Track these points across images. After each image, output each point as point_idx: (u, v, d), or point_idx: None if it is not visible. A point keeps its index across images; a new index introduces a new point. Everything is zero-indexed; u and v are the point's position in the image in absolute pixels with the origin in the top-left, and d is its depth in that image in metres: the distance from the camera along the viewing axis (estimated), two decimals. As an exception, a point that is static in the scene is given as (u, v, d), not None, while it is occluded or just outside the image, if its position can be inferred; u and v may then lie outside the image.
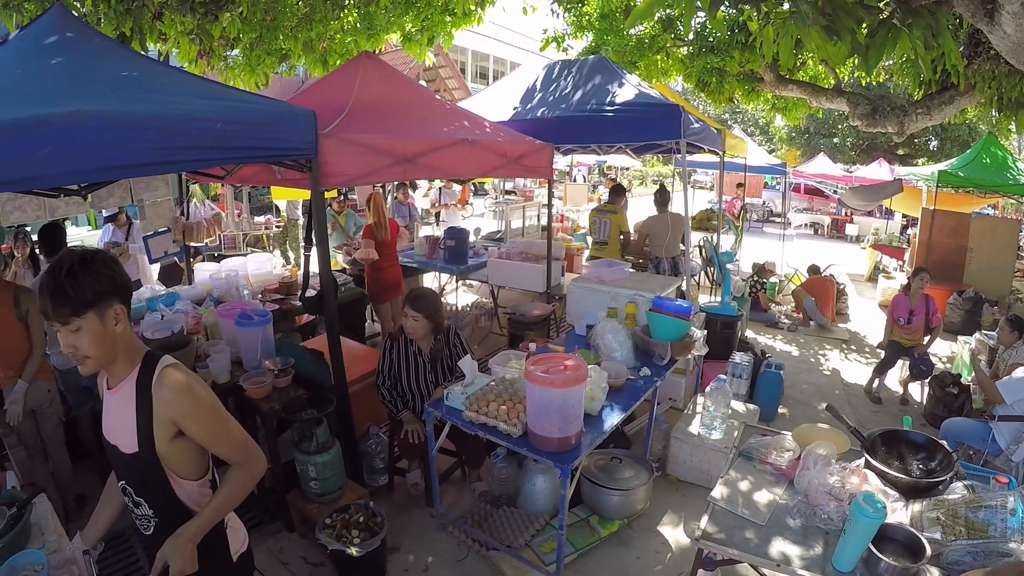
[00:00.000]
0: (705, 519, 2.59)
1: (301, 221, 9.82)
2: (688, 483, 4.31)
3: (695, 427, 4.32)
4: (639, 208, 13.66)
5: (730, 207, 13.82)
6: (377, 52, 6.33)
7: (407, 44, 6.85)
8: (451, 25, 6.65)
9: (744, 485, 2.80)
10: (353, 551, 3.16)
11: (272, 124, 3.07)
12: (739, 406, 4.73)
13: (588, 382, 3.13)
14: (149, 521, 1.89)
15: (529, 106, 6.56)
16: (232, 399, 4.02)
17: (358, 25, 6.54)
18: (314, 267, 4.16)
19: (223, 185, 7.87)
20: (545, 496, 3.74)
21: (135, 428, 1.75)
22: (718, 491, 2.74)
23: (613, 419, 3.37)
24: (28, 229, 6.54)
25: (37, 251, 5.61)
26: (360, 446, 4.13)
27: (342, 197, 7.81)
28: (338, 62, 6.56)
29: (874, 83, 10.08)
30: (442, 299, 4.97)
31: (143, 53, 4.54)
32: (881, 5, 3.00)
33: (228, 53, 6.41)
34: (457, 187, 13.46)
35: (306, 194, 5.45)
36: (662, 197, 7.29)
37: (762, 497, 2.72)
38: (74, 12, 4.23)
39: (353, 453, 4.00)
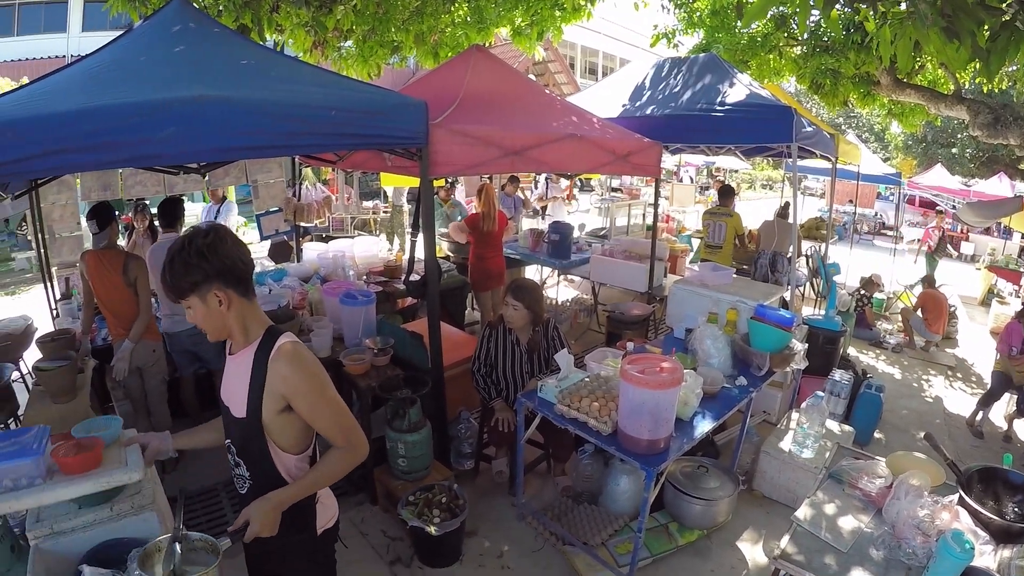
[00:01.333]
0: (786, 539, 2.50)
1: (407, 208, 10.10)
2: (772, 500, 4.18)
3: (786, 443, 4.18)
4: (747, 213, 13.23)
5: (926, 237, 12.61)
6: (487, 46, 6.41)
7: (517, 38, 6.89)
8: (561, 20, 6.64)
9: (830, 508, 2.68)
10: (432, 530, 3.26)
11: (385, 113, 3.18)
12: (834, 426, 4.52)
13: (683, 386, 3.08)
14: (245, 482, 2.01)
15: (638, 103, 6.48)
16: (331, 374, 4.20)
17: (468, 19, 6.66)
18: (419, 252, 4.28)
19: (334, 169, 8.21)
20: (627, 497, 3.72)
21: (246, 395, 1.87)
22: (802, 512, 2.64)
23: (704, 426, 3.30)
24: (147, 202, 7.04)
25: (156, 223, 6.05)
26: (450, 429, 4.23)
27: (448, 186, 7.97)
28: (449, 55, 6.70)
29: (996, 90, 9.27)
30: (543, 292, 5.00)
31: (261, 43, 4.81)
32: (1003, 6, 2.76)
33: (341, 44, 6.65)
34: (564, 181, 13.43)
35: (415, 181, 5.62)
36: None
37: (847, 523, 2.59)
38: (195, 4, 4.50)
39: (443, 435, 4.11)
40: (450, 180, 7.88)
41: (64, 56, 17.66)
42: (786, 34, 7.96)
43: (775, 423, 4.79)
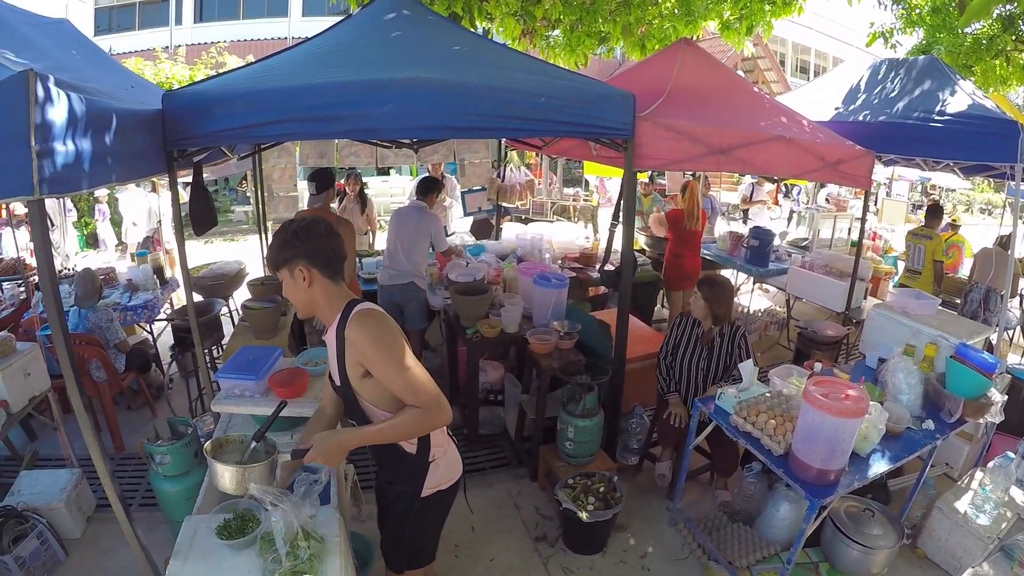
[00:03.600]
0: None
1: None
2: (934, 563, 3.70)
3: (963, 504, 3.70)
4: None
5: None
6: (695, 39, 6.26)
7: (725, 32, 6.65)
8: (771, 14, 6.33)
9: (993, 587, 2.37)
10: (584, 515, 3.31)
11: (593, 103, 3.23)
12: (1019, 495, 3.96)
13: (865, 419, 2.86)
14: None
15: (851, 108, 6.04)
16: (515, 349, 4.38)
17: (676, 11, 6.51)
18: (616, 244, 4.32)
19: (538, 154, 8.47)
20: (785, 525, 3.52)
21: (337, 365, 2.10)
22: (963, 584, 2.35)
23: (880, 467, 3.04)
24: (359, 171, 7.74)
25: (366, 191, 6.63)
26: (622, 422, 4.25)
27: (649, 180, 7.92)
28: (656, 47, 6.61)
29: None
30: (734, 295, 4.86)
31: (471, 30, 5.04)
32: None
33: (549, 34, 6.79)
34: (769, 185, 12.80)
35: (618, 172, 5.66)
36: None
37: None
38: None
39: (613, 427, 4.14)
40: (652, 175, 7.81)
41: (285, 38, 19.73)
42: (1014, 37, 6.99)
43: (956, 479, 4.27)
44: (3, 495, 3.95)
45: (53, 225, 8.80)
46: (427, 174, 6.23)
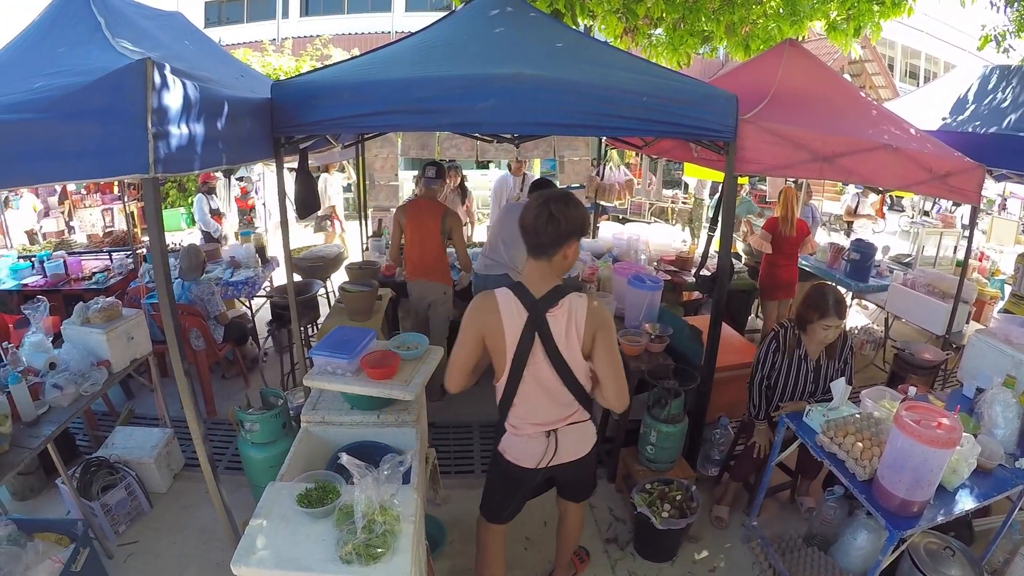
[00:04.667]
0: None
1: (707, 202, 10.02)
2: None
3: None
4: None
5: None
6: (800, 40, 6.03)
7: (832, 33, 6.37)
8: (879, 15, 6.01)
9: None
10: (657, 522, 3.26)
11: (695, 103, 3.17)
12: None
13: (956, 451, 2.68)
14: None
15: (960, 117, 5.68)
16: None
17: (781, 10, 6.27)
18: (713, 249, 4.24)
19: (638, 154, 8.39)
20: (860, 555, 3.34)
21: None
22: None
23: (966, 503, 2.82)
24: (459, 164, 7.89)
25: (466, 182, 6.74)
26: (706, 431, 4.15)
27: (749, 186, 7.69)
28: (760, 47, 6.40)
29: None
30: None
31: (574, 28, 5.02)
32: None
33: (652, 32, 6.68)
34: (874, 196, 12.21)
35: (718, 176, 5.53)
36: None
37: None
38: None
39: (696, 435, 4.07)
40: (753, 180, 7.58)
41: (388, 32, 20.30)
42: None
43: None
44: (97, 447, 4.27)
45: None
46: (539, 176, 6.31)
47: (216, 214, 8.29)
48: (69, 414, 3.45)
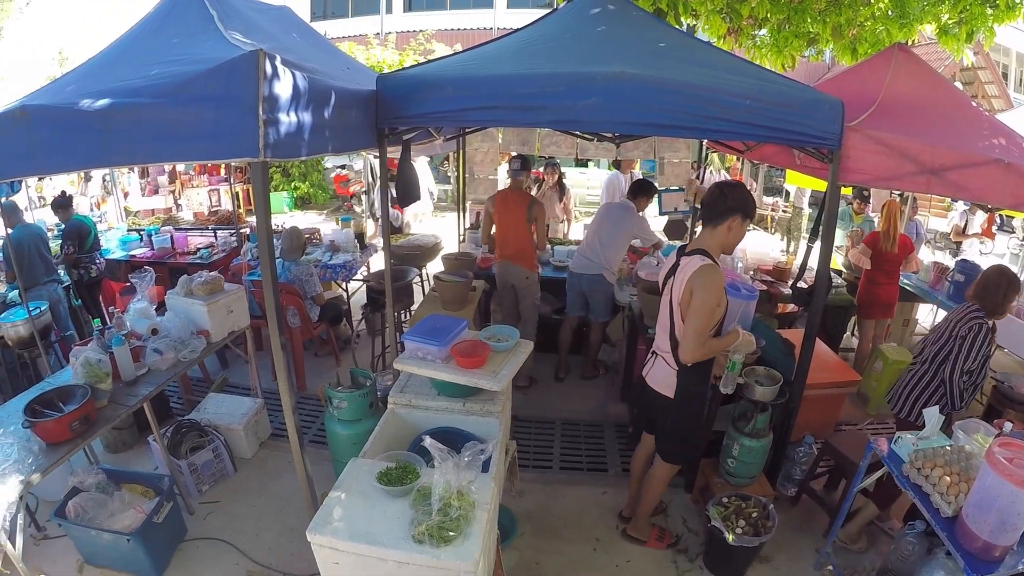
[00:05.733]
0: None
1: (807, 212, 9.75)
2: None
3: None
4: None
5: None
6: (910, 44, 5.71)
7: (943, 38, 5.96)
8: (992, 19, 5.55)
9: None
10: (730, 538, 3.18)
11: (799, 108, 3.04)
12: None
13: (1049, 496, 2.48)
14: None
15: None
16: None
17: (889, 12, 5.94)
18: (812, 261, 4.10)
19: (739, 159, 8.19)
20: (934, 597, 3.15)
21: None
22: None
23: None
24: (558, 161, 7.94)
25: (564, 180, 6.78)
26: (789, 449, 4.03)
27: (858, 200, 7.29)
28: (868, 51, 6.08)
29: None
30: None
31: (676, 27, 4.93)
32: None
33: (756, 32, 6.48)
34: (982, 214, 11.42)
35: (819, 184, 5.31)
36: None
37: None
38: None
39: (779, 452, 3.95)
40: (861, 191, 7.20)
41: (490, 28, 20.45)
42: None
43: None
44: (190, 410, 4.55)
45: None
46: (642, 177, 6.27)
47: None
48: (166, 377, 3.71)
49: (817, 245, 3.66)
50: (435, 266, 6.24)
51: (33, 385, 3.74)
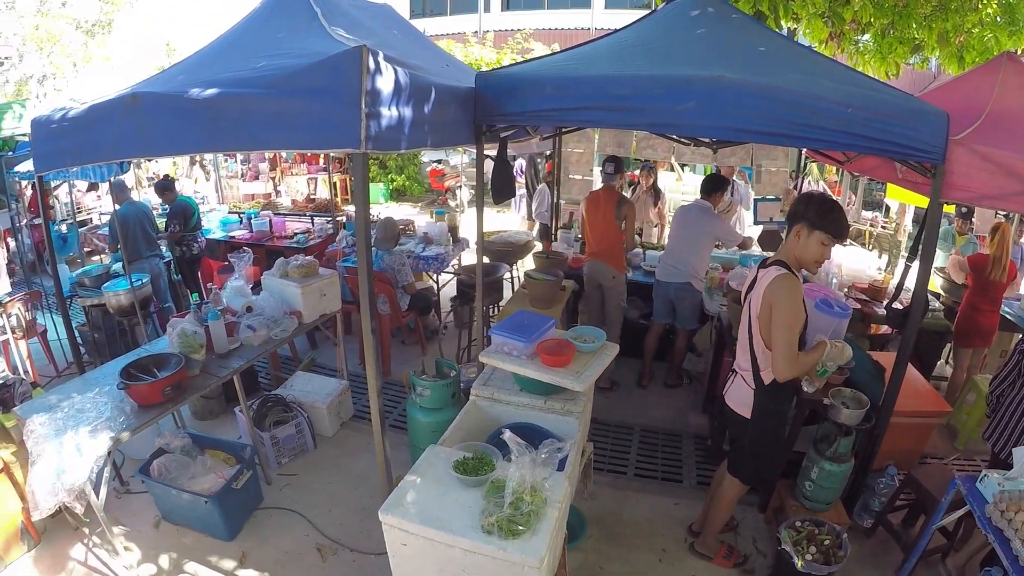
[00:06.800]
0: None
1: (908, 229, 9.28)
2: None
3: None
4: None
5: None
6: (1020, 53, 5.34)
7: (1057, 47, 5.58)
8: None
9: None
10: (800, 563, 3.06)
11: (902, 119, 2.90)
12: None
13: None
14: None
15: None
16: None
17: (998, 19, 5.55)
18: (910, 282, 3.92)
19: (839, 170, 7.87)
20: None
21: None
22: None
23: None
24: (652, 165, 7.85)
25: (659, 184, 6.72)
26: (870, 478, 3.84)
27: (960, 219, 6.83)
28: (976, 60, 5.70)
29: None
30: None
31: (777, 31, 4.78)
32: None
33: (859, 38, 6.23)
34: None
35: (922, 201, 5.07)
36: None
37: None
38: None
39: (859, 480, 3.78)
40: (964, 210, 6.71)
41: (588, 29, 20.42)
42: None
43: None
44: (277, 386, 4.78)
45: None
46: (714, 172, 6.12)
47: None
48: (257, 353, 3.92)
49: (916, 265, 3.48)
50: (526, 264, 6.34)
51: (130, 351, 4.03)
